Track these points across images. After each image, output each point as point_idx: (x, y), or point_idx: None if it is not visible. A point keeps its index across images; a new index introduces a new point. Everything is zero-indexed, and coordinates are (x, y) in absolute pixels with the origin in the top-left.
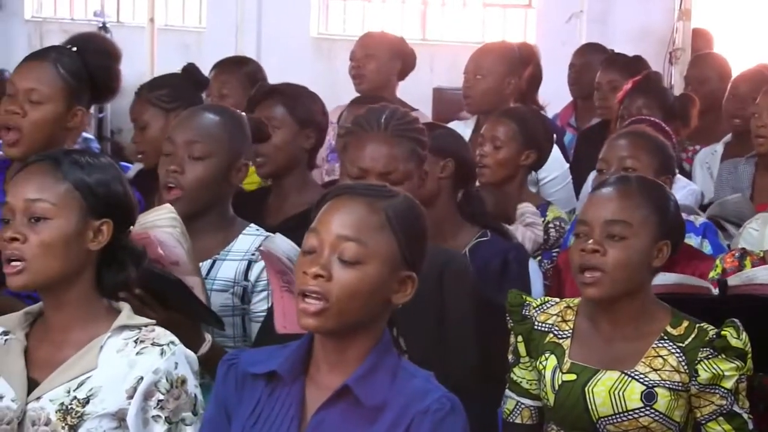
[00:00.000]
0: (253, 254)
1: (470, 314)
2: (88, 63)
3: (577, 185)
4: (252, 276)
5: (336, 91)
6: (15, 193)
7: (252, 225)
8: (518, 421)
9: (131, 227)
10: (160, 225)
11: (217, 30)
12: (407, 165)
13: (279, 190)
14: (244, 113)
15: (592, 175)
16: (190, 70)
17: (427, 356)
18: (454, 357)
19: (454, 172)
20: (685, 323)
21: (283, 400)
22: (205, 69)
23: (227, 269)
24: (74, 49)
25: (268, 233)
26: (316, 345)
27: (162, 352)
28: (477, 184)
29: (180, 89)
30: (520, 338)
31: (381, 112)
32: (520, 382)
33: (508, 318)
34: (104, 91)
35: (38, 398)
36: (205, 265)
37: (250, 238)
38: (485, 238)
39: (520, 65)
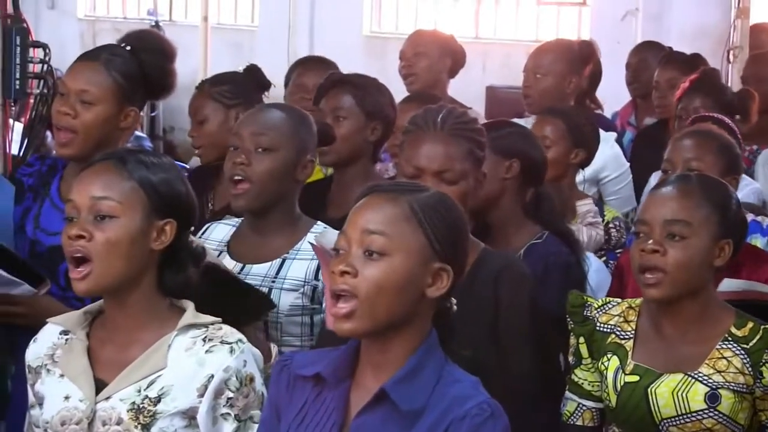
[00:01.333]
0: None
1: (526, 320)
2: (142, 62)
3: (636, 184)
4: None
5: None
6: (80, 190)
7: (319, 223)
8: (579, 423)
9: (192, 227)
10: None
11: (269, 29)
12: (463, 165)
13: (341, 181)
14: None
15: (655, 176)
16: (254, 70)
17: (479, 360)
18: (509, 364)
19: (520, 172)
20: (750, 324)
21: (328, 402)
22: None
23: (297, 269)
24: (128, 48)
25: (338, 232)
26: (361, 347)
27: (231, 350)
28: None
29: (242, 87)
30: (581, 339)
31: (438, 112)
32: (582, 383)
33: (568, 319)
34: (158, 89)
35: (108, 398)
36: (274, 264)
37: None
38: (538, 241)
39: (581, 63)
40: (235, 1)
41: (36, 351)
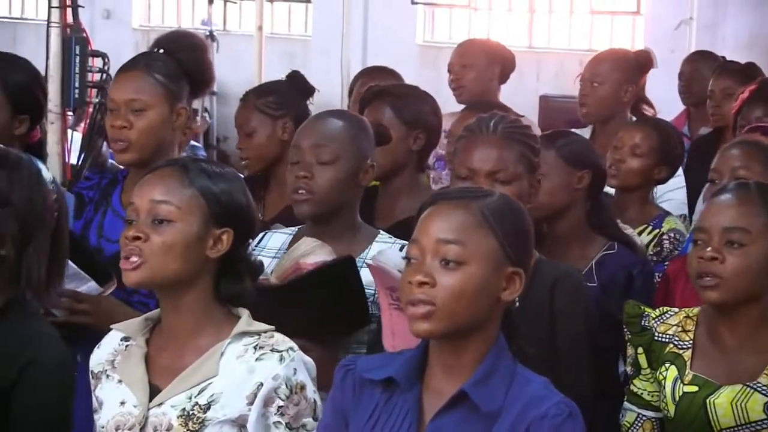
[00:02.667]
0: None
1: (583, 332)
2: (180, 60)
3: (690, 194)
4: None
5: (442, 99)
6: (141, 194)
7: (383, 233)
8: None
9: (251, 239)
10: (313, 251)
11: (322, 38)
12: (516, 167)
13: (387, 192)
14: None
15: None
16: (296, 77)
17: (540, 369)
18: (566, 375)
19: (590, 183)
20: None
21: (400, 406)
22: (311, 77)
23: (363, 277)
24: (161, 51)
25: (403, 242)
26: (431, 350)
27: (281, 358)
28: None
29: (287, 96)
30: (640, 350)
31: (491, 117)
32: (641, 393)
33: (625, 330)
34: (201, 82)
35: (160, 404)
36: None
37: (385, 246)
38: (612, 251)
39: (637, 72)
40: (289, 11)
41: (98, 357)
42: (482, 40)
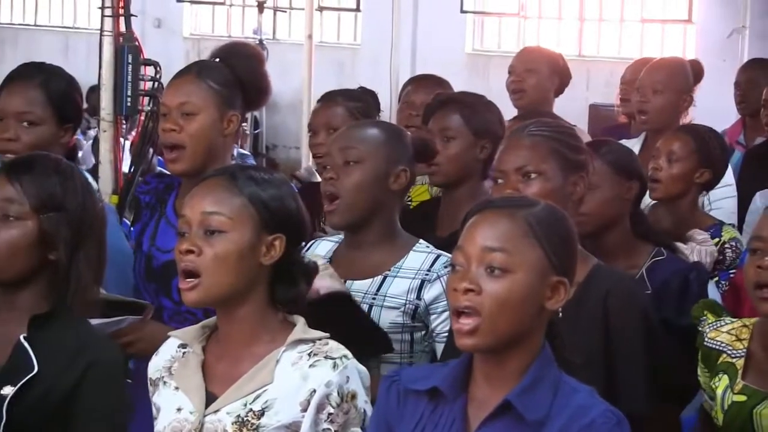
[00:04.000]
0: (426, 273)
1: (641, 340)
2: (234, 68)
3: (744, 203)
4: (427, 296)
5: None
6: (192, 206)
7: (422, 241)
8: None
9: (303, 243)
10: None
11: (371, 47)
12: (545, 161)
13: (450, 200)
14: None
15: (760, 195)
16: (372, 93)
17: (589, 378)
18: (624, 383)
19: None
20: None
21: (446, 417)
22: (360, 85)
23: (398, 286)
24: (217, 60)
25: (439, 252)
26: (475, 361)
27: (334, 366)
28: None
29: (370, 108)
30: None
31: (526, 124)
32: (705, 389)
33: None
34: (256, 93)
35: (216, 411)
36: (375, 281)
37: (421, 255)
38: (661, 257)
39: (694, 81)
40: (339, 20)
41: (156, 364)
42: (547, 50)
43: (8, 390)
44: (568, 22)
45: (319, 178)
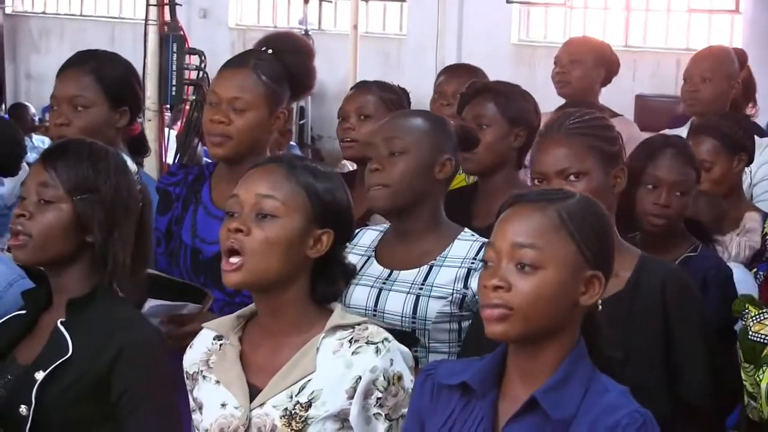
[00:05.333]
0: (472, 261)
1: (701, 331)
2: (287, 63)
3: None
4: (474, 284)
5: (536, 98)
6: (247, 187)
7: (466, 230)
8: None
9: (349, 242)
10: None
11: (417, 37)
12: (585, 161)
13: (486, 189)
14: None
15: None
16: (407, 93)
17: (649, 372)
18: (687, 375)
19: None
20: None
21: (476, 412)
22: (406, 76)
23: (445, 276)
24: (269, 51)
25: (484, 239)
26: (509, 356)
27: (377, 350)
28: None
29: (402, 100)
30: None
31: (564, 116)
32: (746, 386)
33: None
34: (301, 88)
35: (262, 404)
36: (422, 271)
37: (466, 243)
38: (694, 254)
39: (740, 68)
40: (384, 10)
41: (192, 357)
42: (594, 40)
43: (40, 375)
44: (615, 12)
45: (348, 168)
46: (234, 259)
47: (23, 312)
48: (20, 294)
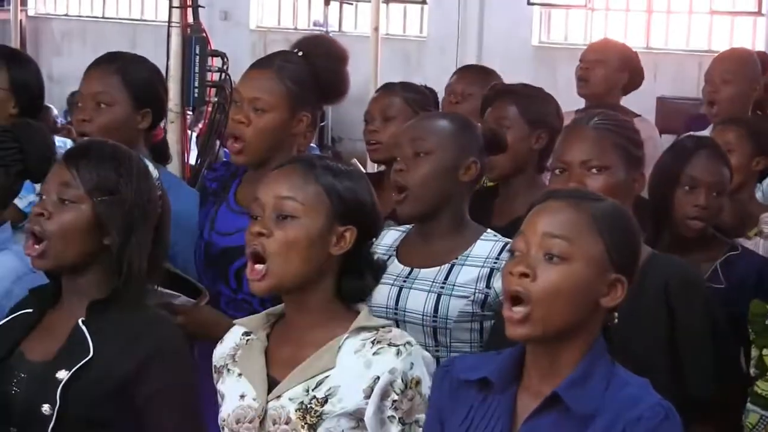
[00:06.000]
0: (495, 261)
1: (707, 328)
2: (316, 66)
3: None
4: (497, 284)
5: (557, 100)
6: (266, 190)
7: (489, 231)
8: None
9: (374, 238)
10: None
11: (438, 39)
12: (610, 156)
13: (507, 190)
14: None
15: None
16: (434, 92)
17: (650, 369)
18: (691, 368)
19: None
20: None
21: (494, 408)
22: (426, 78)
23: (467, 275)
24: (300, 53)
25: (507, 240)
26: (528, 352)
27: (398, 353)
28: None
29: (428, 100)
30: (764, 351)
31: (593, 113)
32: (766, 395)
33: (750, 329)
34: (333, 93)
35: (278, 397)
36: (442, 270)
37: (489, 243)
38: (736, 252)
39: (761, 71)
40: (405, 12)
41: (221, 351)
42: (622, 45)
43: (63, 374)
44: (636, 14)
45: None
46: (259, 267)
47: (30, 311)
48: (28, 290)
